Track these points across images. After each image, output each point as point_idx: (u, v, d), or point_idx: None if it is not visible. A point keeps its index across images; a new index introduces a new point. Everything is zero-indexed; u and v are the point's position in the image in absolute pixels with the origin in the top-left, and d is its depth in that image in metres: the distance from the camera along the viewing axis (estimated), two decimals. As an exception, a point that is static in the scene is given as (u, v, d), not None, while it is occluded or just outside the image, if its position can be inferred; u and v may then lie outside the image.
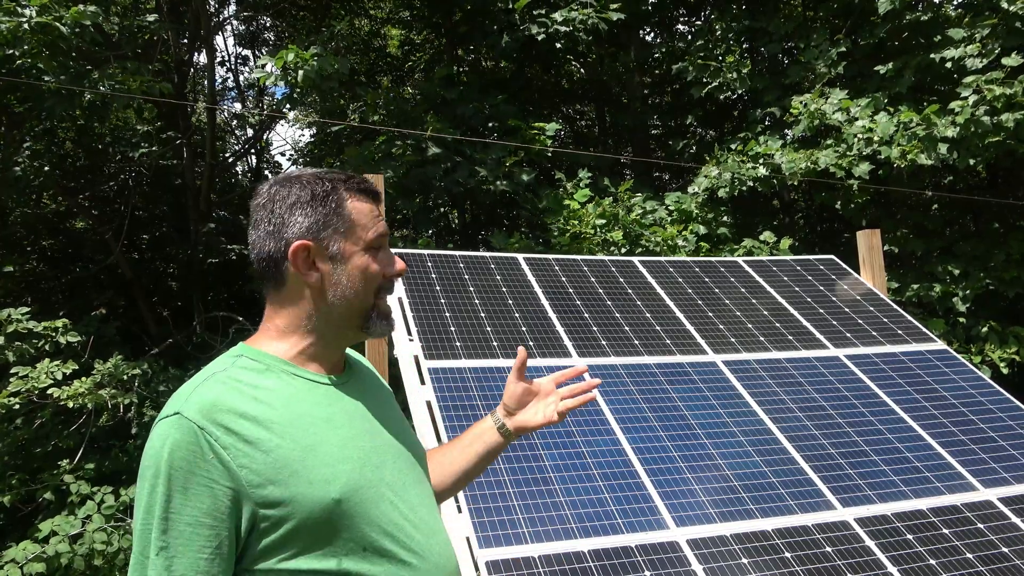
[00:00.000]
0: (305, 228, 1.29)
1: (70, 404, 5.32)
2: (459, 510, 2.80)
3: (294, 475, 1.18)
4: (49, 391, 5.28)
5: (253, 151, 12.58)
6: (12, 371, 5.30)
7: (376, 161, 7.63)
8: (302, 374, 1.30)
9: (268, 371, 1.27)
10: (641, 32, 10.46)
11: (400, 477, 1.33)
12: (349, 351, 1.49)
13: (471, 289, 4.05)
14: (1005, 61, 6.55)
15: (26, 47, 5.78)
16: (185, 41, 9.52)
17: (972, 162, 6.46)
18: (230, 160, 11.74)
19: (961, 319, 7.16)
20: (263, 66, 6.98)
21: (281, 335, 1.32)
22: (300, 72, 6.43)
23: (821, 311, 4.51)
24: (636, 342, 3.92)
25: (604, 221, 7.02)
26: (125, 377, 5.81)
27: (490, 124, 8.33)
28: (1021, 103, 6.18)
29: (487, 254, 4.46)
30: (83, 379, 5.48)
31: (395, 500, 1.29)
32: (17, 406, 5.24)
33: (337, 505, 1.20)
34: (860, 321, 4.46)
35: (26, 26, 5.58)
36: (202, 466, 1.14)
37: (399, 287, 3.91)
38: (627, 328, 4.02)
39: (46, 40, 5.77)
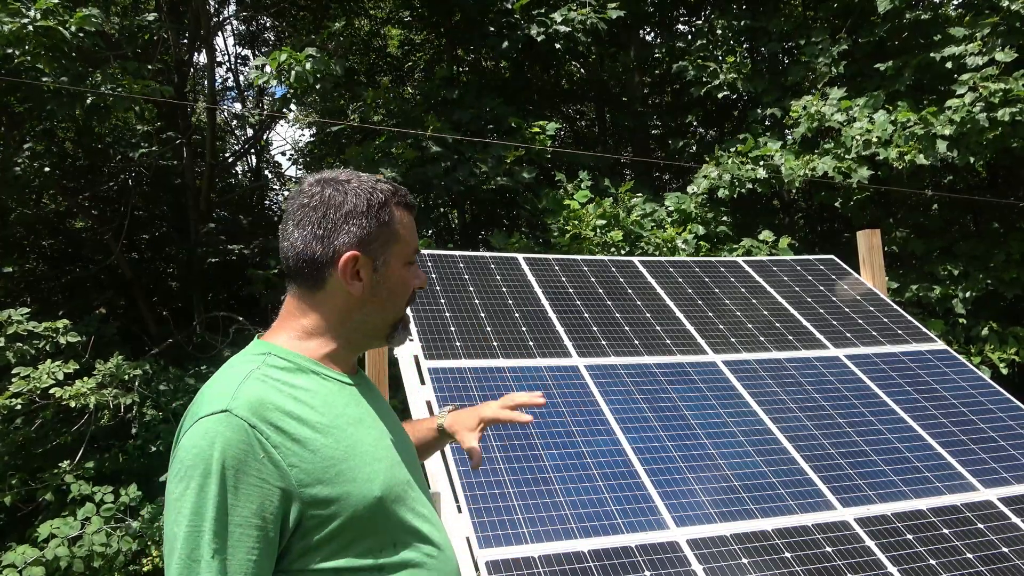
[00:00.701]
0: (357, 239, 1.29)
1: (72, 404, 5.32)
2: (459, 510, 2.80)
3: (340, 474, 1.19)
4: (51, 391, 5.28)
5: (253, 151, 12.58)
6: (14, 371, 5.30)
7: (376, 160, 7.63)
8: (332, 375, 1.31)
9: (299, 371, 1.27)
10: (641, 32, 10.46)
11: (413, 476, 1.37)
12: None
13: (471, 289, 4.05)
14: (998, 56, 6.56)
15: (27, 47, 5.77)
16: (185, 41, 9.52)
17: (972, 159, 6.46)
18: (230, 160, 11.74)
19: (961, 320, 7.16)
20: (261, 67, 6.98)
21: (307, 336, 1.31)
22: (292, 72, 6.44)
23: (821, 311, 4.51)
24: (636, 342, 3.92)
25: (604, 222, 7.02)
26: (127, 377, 5.81)
27: (489, 127, 8.33)
28: (1017, 97, 6.18)
29: (487, 254, 4.46)
30: (85, 379, 5.48)
31: (415, 497, 1.33)
32: (19, 406, 5.24)
33: (379, 503, 1.22)
34: (860, 321, 4.46)
35: (30, 28, 5.58)
36: (254, 465, 1.12)
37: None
38: (627, 328, 4.02)
39: (49, 43, 5.77)
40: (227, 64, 12.75)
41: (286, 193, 13.27)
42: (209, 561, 1.09)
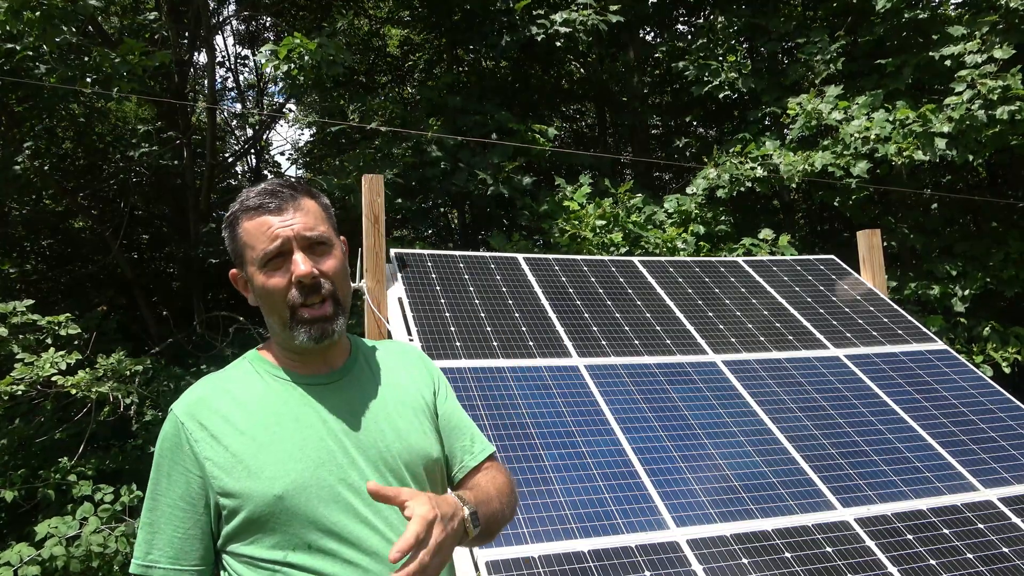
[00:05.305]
0: (231, 258, 1.42)
1: (74, 392, 5.31)
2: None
3: (246, 470, 1.28)
4: (54, 378, 5.25)
5: (253, 151, 12.58)
6: (18, 357, 5.26)
7: (376, 161, 7.64)
8: (282, 375, 1.40)
9: (254, 373, 1.40)
10: (641, 32, 10.45)
11: (369, 479, 1.33)
12: (377, 343, 1.55)
13: (471, 289, 4.04)
14: (996, 54, 6.55)
15: (28, 40, 5.75)
16: (185, 41, 9.51)
17: (971, 157, 6.46)
18: (230, 160, 11.73)
19: (962, 319, 7.15)
20: (271, 52, 6.94)
21: (271, 341, 1.46)
22: (306, 57, 6.45)
23: (821, 311, 4.51)
24: (636, 342, 3.92)
25: (604, 222, 7.01)
26: (128, 372, 5.80)
27: (492, 136, 8.32)
28: (1016, 95, 6.18)
29: (487, 254, 4.45)
30: (88, 369, 5.47)
31: (354, 502, 1.30)
32: (20, 392, 5.21)
33: (279, 501, 1.27)
34: (860, 321, 4.46)
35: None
36: (180, 456, 1.32)
37: (399, 287, 3.90)
38: (627, 328, 4.02)
39: (49, 11, 5.70)
40: (227, 64, 12.74)
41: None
42: (140, 532, 1.33)
